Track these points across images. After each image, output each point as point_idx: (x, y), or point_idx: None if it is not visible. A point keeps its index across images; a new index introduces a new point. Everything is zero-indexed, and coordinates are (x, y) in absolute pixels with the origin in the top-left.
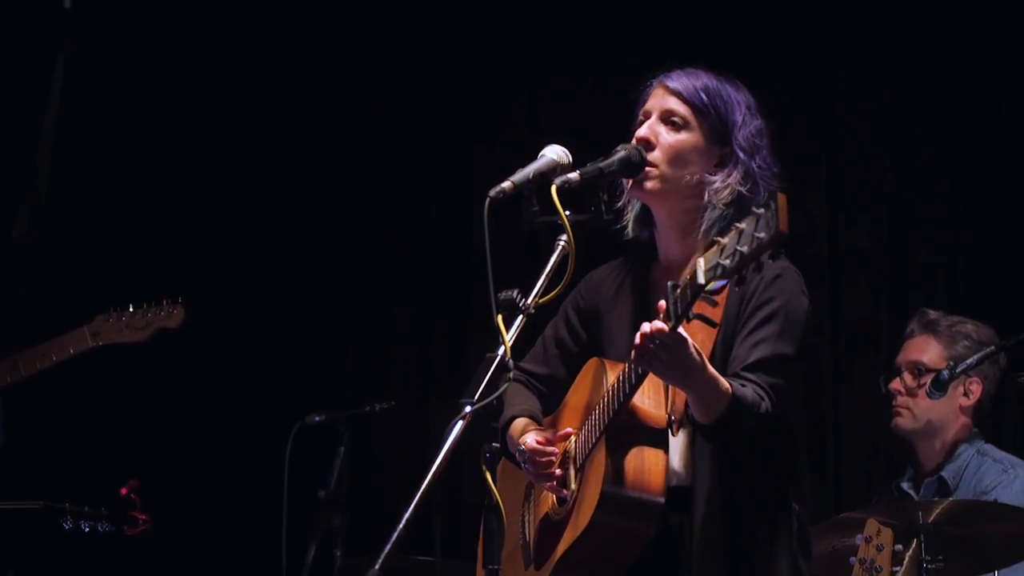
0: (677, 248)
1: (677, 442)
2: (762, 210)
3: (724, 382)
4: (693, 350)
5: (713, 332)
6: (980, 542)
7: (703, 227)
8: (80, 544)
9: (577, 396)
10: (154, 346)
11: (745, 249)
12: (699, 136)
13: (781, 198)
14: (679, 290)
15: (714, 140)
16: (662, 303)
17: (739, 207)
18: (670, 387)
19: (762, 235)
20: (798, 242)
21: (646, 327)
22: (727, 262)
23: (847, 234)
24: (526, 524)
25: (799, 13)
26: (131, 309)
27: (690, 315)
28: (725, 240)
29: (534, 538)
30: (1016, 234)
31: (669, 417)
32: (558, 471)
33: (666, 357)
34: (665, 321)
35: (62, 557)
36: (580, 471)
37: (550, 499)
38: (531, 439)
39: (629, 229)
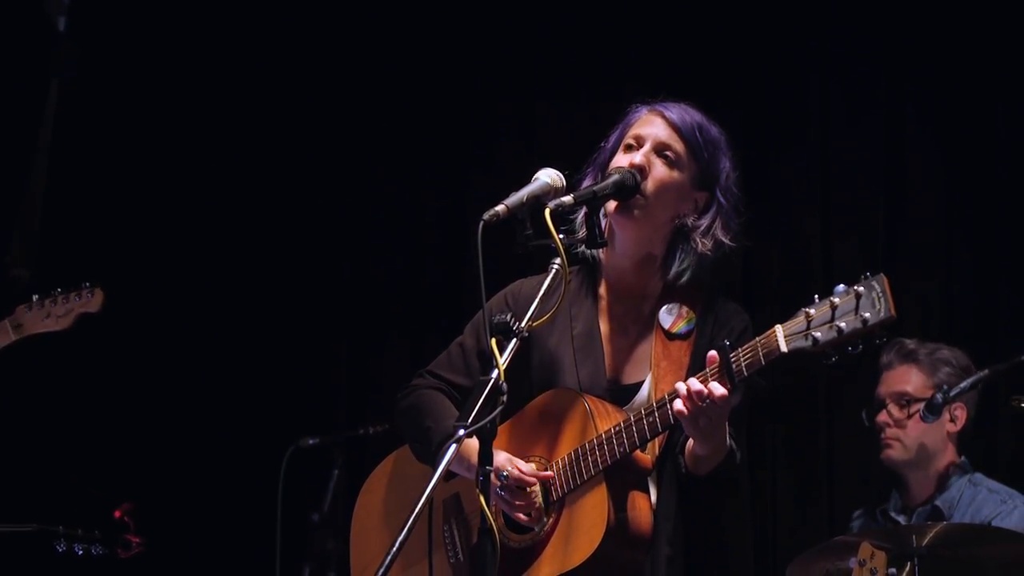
0: (630, 276)
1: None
2: (861, 288)
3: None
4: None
5: (688, 347)
6: (974, 566)
7: (674, 267)
8: (73, 567)
9: (542, 424)
10: (148, 370)
11: (844, 326)
12: (686, 177)
13: (885, 280)
14: (742, 353)
15: (696, 184)
16: (713, 354)
17: (715, 254)
18: None
19: (867, 315)
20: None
21: (697, 386)
22: (820, 335)
23: (841, 260)
24: (456, 543)
25: (795, 41)
26: (51, 296)
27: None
28: (813, 311)
29: (472, 559)
30: (1009, 259)
31: (655, 462)
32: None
33: (714, 415)
34: (723, 383)
35: None
36: (556, 504)
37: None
38: (518, 467)
39: (583, 246)
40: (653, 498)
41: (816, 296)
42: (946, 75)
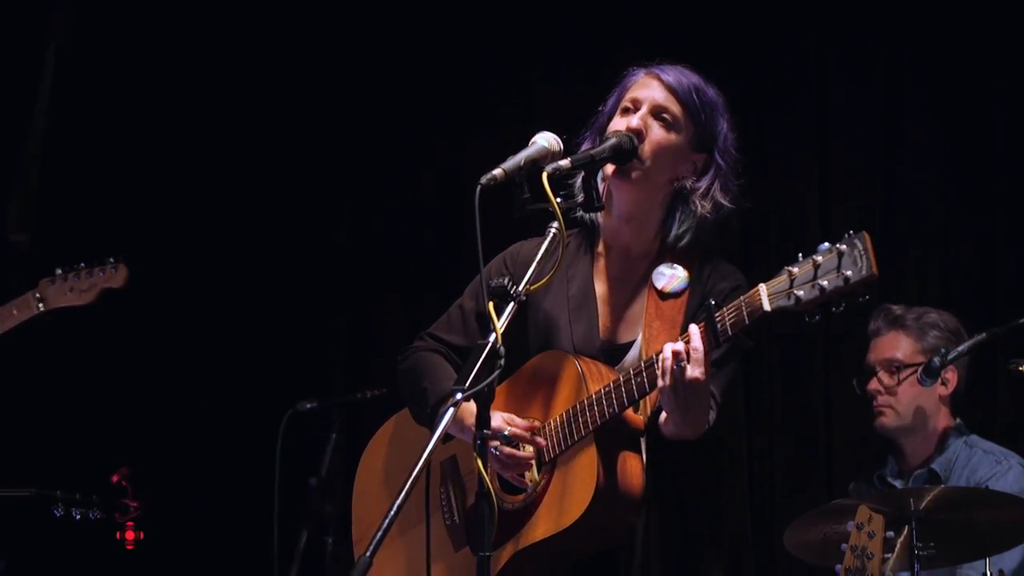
0: (627, 238)
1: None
2: (844, 246)
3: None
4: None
5: (682, 306)
6: (971, 529)
7: (674, 230)
8: (72, 531)
9: (536, 385)
10: (147, 334)
11: (826, 284)
12: (683, 139)
13: (867, 238)
14: (727, 312)
15: (694, 145)
16: (695, 328)
17: (714, 216)
18: None
19: (849, 273)
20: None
21: (681, 347)
22: (802, 293)
23: (839, 223)
24: (453, 505)
25: (793, 4)
26: (74, 271)
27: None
28: (796, 270)
29: (467, 521)
30: (1007, 223)
31: (647, 422)
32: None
33: (701, 375)
34: (706, 342)
35: (54, 544)
36: (549, 465)
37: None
38: (510, 428)
39: (581, 210)
40: (646, 459)
41: (800, 254)
42: (945, 39)
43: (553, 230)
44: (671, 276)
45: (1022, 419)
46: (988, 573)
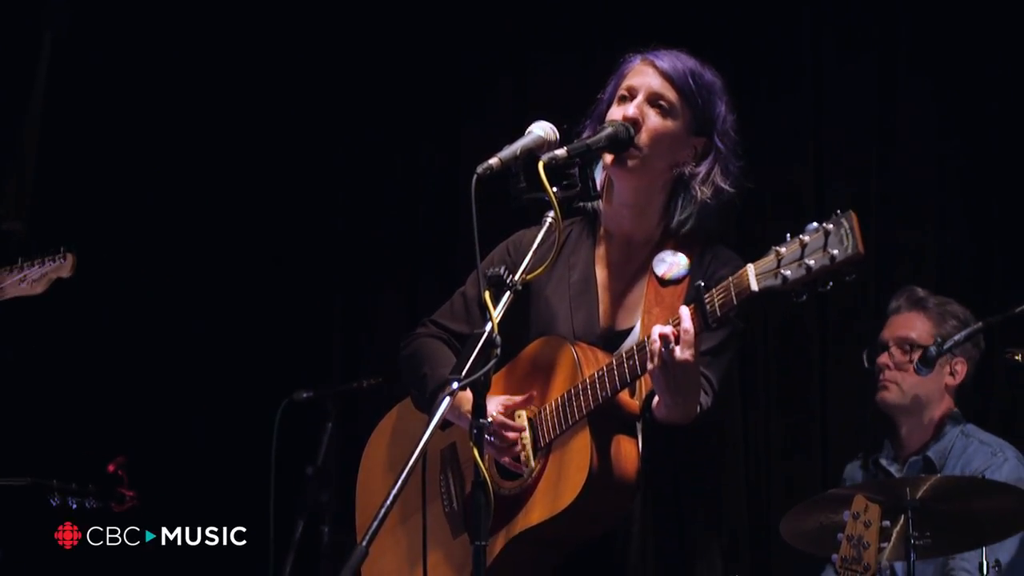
0: (629, 225)
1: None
2: (831, 226)
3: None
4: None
5: (682, 293)
6: (967, 518)
7: (676, 216)
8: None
9: (533, 372)
10: (143, 322)
11: (813, 263)
12: (681, 124)
13: (854, 217)
14: (716, 293)
15: (692, 130)
16: (685, 309)
17: (716, 200)
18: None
19: (835, 252)
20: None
21: (668, 330)
22: (789, 272)
23: (834, 205)
24: (452, 493)
25: None
26: (24, 262)
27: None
28: (783, 250)
29: (466, 509)
30: (1003, 212)
31: (642, 407)
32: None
33: (691, 356)
34: (696, 324)
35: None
36: (544, 450)
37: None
38: (504, 405)
39: (579, 199)
40: (642, 444)
41: (788, 234)
42: (939, 21)
43: (549, 219)
44: (672, 263)
45: (1017, 407)
46: (984, 563)
